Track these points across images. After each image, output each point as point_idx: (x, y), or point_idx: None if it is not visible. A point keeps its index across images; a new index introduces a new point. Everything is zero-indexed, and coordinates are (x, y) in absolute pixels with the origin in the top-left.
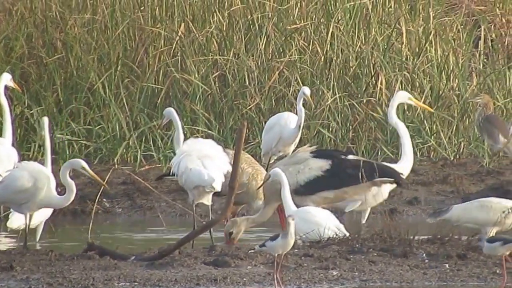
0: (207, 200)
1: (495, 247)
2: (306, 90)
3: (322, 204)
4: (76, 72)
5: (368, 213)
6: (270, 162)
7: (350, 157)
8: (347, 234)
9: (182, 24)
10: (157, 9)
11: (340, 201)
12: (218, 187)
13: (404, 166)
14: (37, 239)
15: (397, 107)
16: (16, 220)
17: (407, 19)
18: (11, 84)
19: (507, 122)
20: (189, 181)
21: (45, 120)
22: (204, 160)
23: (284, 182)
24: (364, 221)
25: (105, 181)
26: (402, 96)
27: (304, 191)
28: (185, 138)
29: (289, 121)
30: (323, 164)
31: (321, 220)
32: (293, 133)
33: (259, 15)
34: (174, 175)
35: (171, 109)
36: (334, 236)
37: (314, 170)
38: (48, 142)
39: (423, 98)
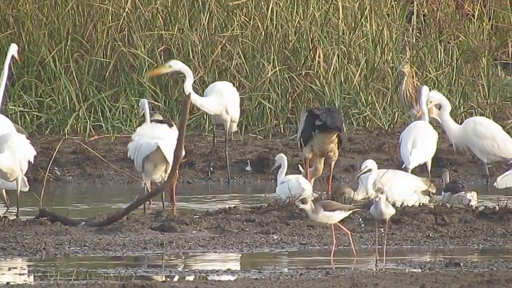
0: (160, 176)
1: (336, 215)
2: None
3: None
4: (27, 46)
5: None
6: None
7: None
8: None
9: (129, 1)
10: None
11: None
12: (166, 153)
13: None
14: None
15: (334, 79)
16: None
17: None
18: (16, 55)
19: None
20: (140, 154)
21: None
22: (154, 139)
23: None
24: None
25: (56, 151)
26: None
27: None
28: (133, 109)
29: (220, 91)
30: None
31: None
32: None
33: None
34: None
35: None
36: (274, 202)
37: None
38: None
39: (359, 70)
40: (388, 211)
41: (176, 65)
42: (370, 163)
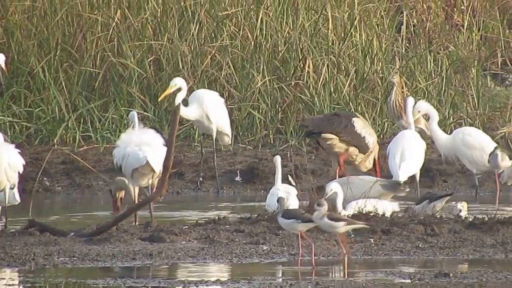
0: (147, 182)
1: (291, 224)
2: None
3: None
4: (17, 56)
5: None
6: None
7: None
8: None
9: (118, 11)
10: None
11: None
12: (155, 166)
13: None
14: None
15: (324, 89)
16: None
17: (333, 6)
18: (3, 65)
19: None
20: (128, 164)
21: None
22: (141, 146)
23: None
24: None
25: (45, 161)
26: None
27: None
28: (122, 120)
29: (202, 98)
30: None
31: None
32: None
33: (192, 2)
34: (117, 167)
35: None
36: (264, 213)
37: None
38: None
39: (348, 80)
40: (324, 223)
41: (180, 82)
42: (335, 186)
